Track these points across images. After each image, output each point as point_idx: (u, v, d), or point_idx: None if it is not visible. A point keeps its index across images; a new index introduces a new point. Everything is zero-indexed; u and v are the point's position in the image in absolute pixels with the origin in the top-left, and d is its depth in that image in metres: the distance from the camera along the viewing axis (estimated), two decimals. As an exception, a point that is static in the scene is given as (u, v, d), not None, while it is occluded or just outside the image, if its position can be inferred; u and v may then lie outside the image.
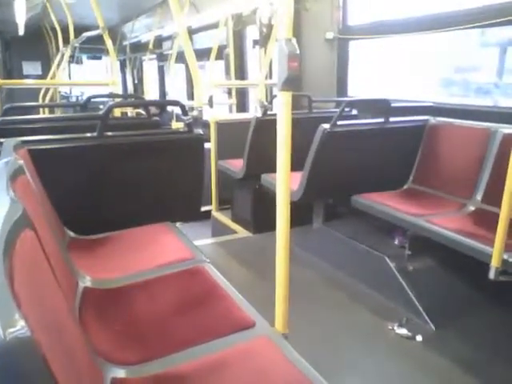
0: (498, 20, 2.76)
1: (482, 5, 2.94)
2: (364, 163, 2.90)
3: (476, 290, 2.46)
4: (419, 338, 2.24)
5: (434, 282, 2.60)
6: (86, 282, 1.68)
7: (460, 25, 3.02)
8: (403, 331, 2.29)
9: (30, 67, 10.17)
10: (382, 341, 2.25)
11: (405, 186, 3.08)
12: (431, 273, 2.62)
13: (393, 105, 3.01)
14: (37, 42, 9.20)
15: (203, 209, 2.92)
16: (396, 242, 2.86)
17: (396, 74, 4.17)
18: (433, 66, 3.90)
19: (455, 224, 2.36)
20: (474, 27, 2.96)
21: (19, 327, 0.63)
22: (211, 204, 4.20)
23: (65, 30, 5.80)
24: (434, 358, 2.10)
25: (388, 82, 4.21)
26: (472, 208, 2.64)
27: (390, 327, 2.33)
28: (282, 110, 1.50)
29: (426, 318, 2.34)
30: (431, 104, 3.29)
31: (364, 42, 3.99)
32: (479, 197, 2.65)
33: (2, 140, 1.95)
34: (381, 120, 2.95)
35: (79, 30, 5.50)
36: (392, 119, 2.96)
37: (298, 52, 1.47)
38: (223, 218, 4.09)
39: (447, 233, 2.26)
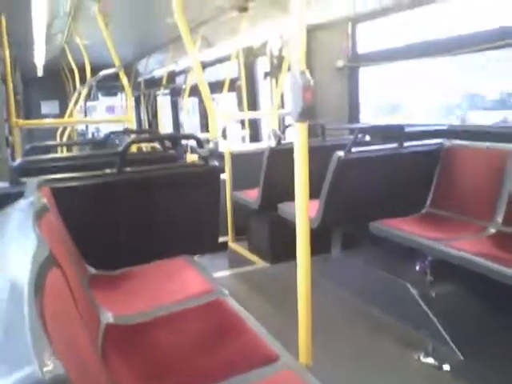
0: (503, 42, 2.80)
1: (488, 28, 2.99)
2: (380, 189, 2.89)
3: (504, 315, 2.38)
4: (447, 367, 2.17)
5: (459, 308, 2.53)
6: (108, 318, 1.69)
7: (466, 48, 3.05)
8: (430, 360, 2.23)
9: (48, 106, 10.50)
10: (408, 371, 2.19)
11: (423, 211, 3.05)
12: (455, 298, 2.56)
13: (406, 129, 3.02)
14: (54, 82, 9.53)
15: (220, 240, 2.92)
16: (417, 268, 2.80)
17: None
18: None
19: (477, 247, 2.31)
20: (480, 50, 2.99)
21: (55, 367, 0.63)
22: (227, 235, 4.20)
23: (82, 70, 6.01)
24: None
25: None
26: (493, 230, 2.59)
27: (416, 357, 2.26)
28: (299, 140, 1.52)
29: (453, 346, 2.27)
30: (445, 127, 3.29)
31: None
32: (500, 219, 2.61)
33: (24, 179, 2.01)
34: (395, 145, 2.95)
35: (95, 69, 5.68)
36: (406, 144, 2.96)
37: (311, 83, 1.51)
38: (240, 248, 4.08)
39: (469, 256, 2.22)
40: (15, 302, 0.79)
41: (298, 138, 1.52)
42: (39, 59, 6.98)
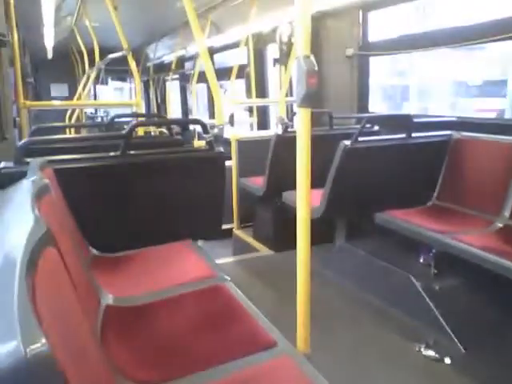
0: None
1: (506, 16, 2.91)
2: (386, 179, 2.86)
3: (506, 310, 2.36)
4: (448, 360, 2.16)
5: (462, 302, 2.51)
6: (108, 299, 1.69)
7: (483, 37, 2.99)
8: (431, 353, 2.21)
9: (58, 89, 10.52)
10: (408, 363, 2.18)
11: (429, 203, 3.02)
12: (459, 292, 2.54)
13: (415, 120, 2.97)
14: (64, 65, 9.53)
15: (224, 227, 2.91)
16: (421, 261, 2.79)
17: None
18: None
19: (483, 241, 2.29)
20: (498, 40, 2.92)
21: (40, 344, 0.63)
22: (232, 222, 4.20)
23: (91, 53, 5.99)
24: (464, 382, 2.02)
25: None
26: (500, 225, 2.56)
27: (417, 349, 2.25)
28: (301, 126, 1.50)
29: (455, 339, 2.26)
30: (454, 119, 3.24)
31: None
32: (507, 213, 2.57)
33: (29, 160, 2.00)
34: (403, 136, 2.91)
35: (105, 52, 5.66)
36: (414, 134, 2.92)
37: (316, 69, 1.48)
38: (245, 236, 4.08)
39: (475, 250, 2.20)
40: (6, 278, 0.79)
41: (300, 123, 1.50)
42: (49, 42, 6.96)
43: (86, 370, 0.92)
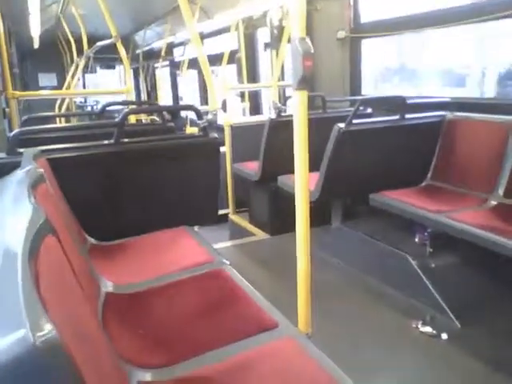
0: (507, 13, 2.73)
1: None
2: (381, 161, 2.87)
3: (501, 286, 2.41)
4: (444, 336, 2.20)
5: (458, 279, 2.55)
6: (108, 287, 1.70)
7: (478, 17, 2.97)
8: (428, 329, 2.25)
9: (46, 79, 10.37)
10: (406, 339, 2.22)
11: (424, 183, 3.04)
12: (454, 270, 2.58)
13: (408, 101, 2.97)
14: (52, 54, 9.38)
15: (220, 212, 2.92)
16: (417, 240, 2.81)
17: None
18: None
19: (477, 219, 2.31)
20: (492, 19, 2.91)
21: (47, 331, 0.63)
22: (227, 207, 4.20)
23: (79, 41, 5.90)
24: (460, 357, 2.06)
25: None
26: (494, 203, 2.59)
27: (414, 325, 2.29)
28: (298, 109, 1.50)
29: (451, 315, 2.30)
30: (448, 99, 3.24)
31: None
32: (501, 191, 2.60)
33: (22, 150, 1.99)
34: (396, 117, 2.92)
35: (93, 41, 5.58)
36: (408, 116, 2.92)
37: (312, 51, 1.47)
38: (240, 220, 4.09)
39: (469, 228, 2.22)
40: (9, 267, 0.79)
41: (297, 106, 1.50)
42: (35, 31, 6.83)
43: (92, 355, 0.93)
